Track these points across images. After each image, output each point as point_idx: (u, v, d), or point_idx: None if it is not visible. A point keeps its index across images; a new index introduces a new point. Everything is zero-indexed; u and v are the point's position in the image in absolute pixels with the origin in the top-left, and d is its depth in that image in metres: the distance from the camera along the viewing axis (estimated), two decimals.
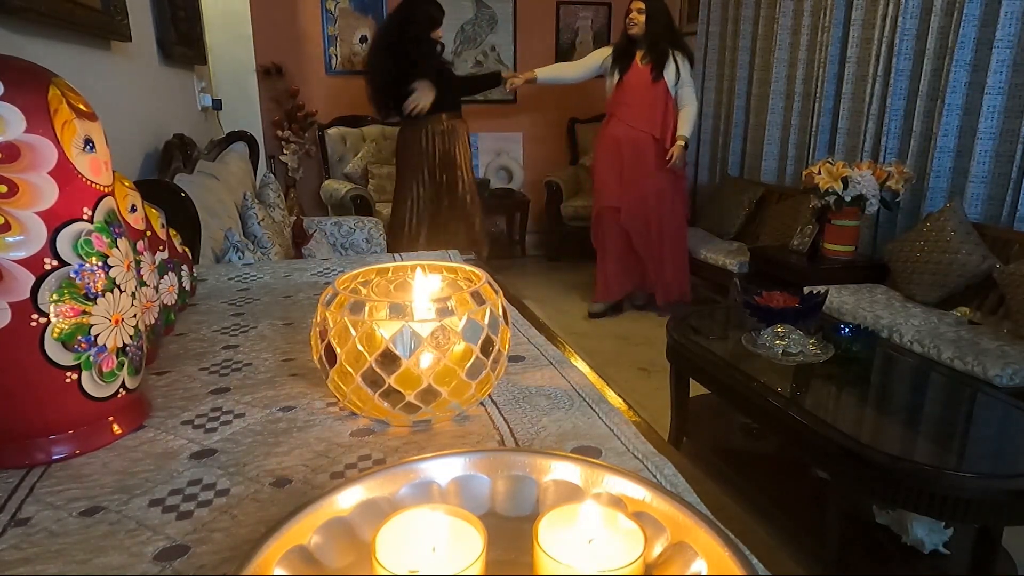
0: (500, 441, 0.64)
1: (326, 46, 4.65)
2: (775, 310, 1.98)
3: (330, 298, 0.66)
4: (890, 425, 1.70)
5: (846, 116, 3.39)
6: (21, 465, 0.59)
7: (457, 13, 4.84)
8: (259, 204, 2.28)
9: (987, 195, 2.73)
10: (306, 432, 0.65)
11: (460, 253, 1.52)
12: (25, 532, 0.50)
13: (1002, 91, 2.64)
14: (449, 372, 0.64)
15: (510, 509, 0.47)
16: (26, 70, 0.57)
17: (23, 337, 0.56)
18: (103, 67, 1.76)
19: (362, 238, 3.06)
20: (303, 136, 4.57)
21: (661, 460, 0.60)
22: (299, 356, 0.84)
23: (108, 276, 0.61)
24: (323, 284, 1.19)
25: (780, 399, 1.72)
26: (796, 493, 1.90)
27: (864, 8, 3.24)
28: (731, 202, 4.02)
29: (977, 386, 1.89)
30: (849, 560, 1.62)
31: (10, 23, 1.23)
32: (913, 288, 2.68)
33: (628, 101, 3.52)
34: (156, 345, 0.84)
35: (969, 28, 2.72)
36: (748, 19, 4.11)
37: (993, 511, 1.43)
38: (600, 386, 0.78)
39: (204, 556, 0.47)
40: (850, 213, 2.97)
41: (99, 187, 0.61)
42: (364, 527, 0.43)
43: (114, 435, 0.63)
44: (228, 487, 0.55)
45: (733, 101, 4.27)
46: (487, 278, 0.70)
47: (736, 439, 2.24)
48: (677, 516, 0.42)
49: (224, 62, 3.53)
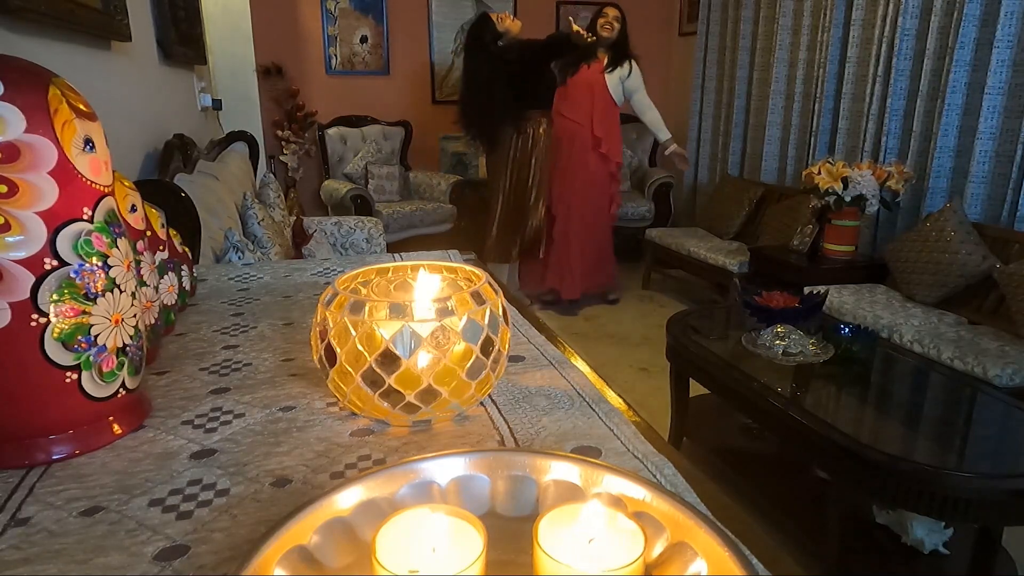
0: (500, 441, 0.64)
1: (326, 46, 4.65)
2: (775, 310, 1.98)
3: (330, 298, 0.66)
4: (890, 425, 1.70)
5: (846, 116, 3.39)
6: (21, 465, 0.59)
7: (457, 13, 4.84)
8: (259, 204, 2.28)
9: (987, 195, 2.73)
10: (306, 432, 0.65)
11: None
12: (25, 532, 0.50)
13: (1002, 91, 2.64)
14: (449, 372, 0.64)
15: (510, 509, 0.47)
16: (26, 70, 0.57)
17: (23, 337, 0.56)
18: (103, 67, 1.76)
19: (362, 238, 3.06)
20: (303, 136, 4.57)
21: (661, 460, 0.60)
22: (299, 356, 0.84)
23: (108, 276, 0.61)
24: (323, 284, 1.19)
25: (780, 399, 1.72)
26: (796, 493, 1.90)
27: (864, 8, 3.24)
28: (731, 202, 4.03)
29: (977, 386, 1.89)
30: (849, 560, 1.62)
31: (10, 23, 1.23)
32: (913, 288, 2.68)
33: (571, 95, 3.62)
34: (156, 345, 0.84)
35: (969, 28, 2.72)
36: (748, 19, 4.11)
37: (993, 511, 1.43)
38: (600, 386, 0.78)
39: (204, 556, 0.47)
40: (850, 213, 2.97)
41: (99, 187, 0.60)
42: (364, 527, 0.43)
43: (114, 435, 0.63)
44: (228, 487, 0.55)
45: (733, 101, 4.27)
46: (487, 278, 0.70)
47: (736, 439, 2.24)
48: (677, 516, 0.42)
49: (224, 62, 3.53)
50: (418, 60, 4.86)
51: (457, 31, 4.85)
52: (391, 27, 4.74)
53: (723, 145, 4.44)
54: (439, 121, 4.95)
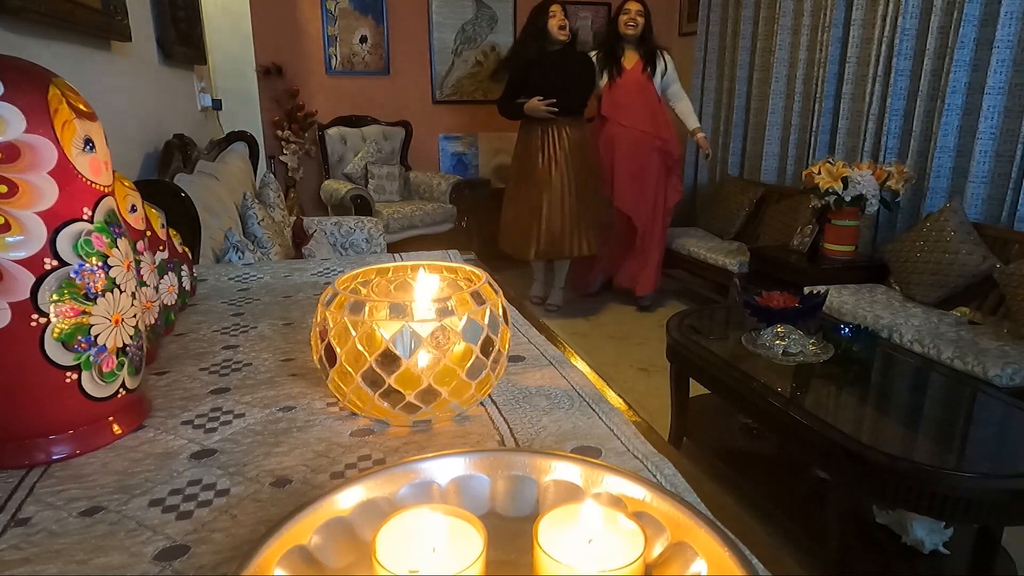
0: (500, 441, 0.64)
1: (326, 46, 4.65)
2: (775, 310, 1.98)
3: (330, 298, 0.66)
4: (890, 425, 1.70)
5: (846, 116, 3.39)
6: (21, 465, 0.59)
7: (457, 13, 4.84)
8: (259, 204, 2.28)
9: (987, 195, 2.73)
10: (306, 432, 0.65)
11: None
12: (25, 532, 0.50)
13: (1002, 91, 2.64)
14: (449, 372, 0.64)
15: (510, 509, 0.47)
16: (26, 70, 0.57)
17: (23, 337, 0.56)
18: (103, 67, 1.76)
19: (362, 238, 3.06)
20: (303, 136, 4.57)
21: (661, 460, 0.60)
22: (299, 356, 0.84)
23: (108, 276, 0.61)
24: (323, 284, 1.19)
25: (780, 399, 1.72)
26: (796, 493, 1.90)
27: (864, 8, 3.24)
28: (731, 202, 4.03)
29: (977, 386, 1.89)
30: (849, 560, 1.62)
31: (10, 23, 1.23)
32: (913, 288, 2.68)
33: (623, 102, 3.60)
34: (156, 345, 0.84)
35: (969, 28, 2.72)
36: (748, 19, 4.11)
37: (993, 511, 1.43)
38: (600, 386, 0.78)
39: (204, 556, 0.47)
40: (850, 213, 2.97)
41: (99, 187, 0.60)
42: (364, 527, 0.43)
43: (114, 435, 0.63)
44: (228, 487, 0.55)
45: (733, 101, 4.27)
46: (487, 278, 0.70)
47: (736, 439, 2.24)
48: (677, 516, 0.42)
49: (224, 62, 3.53)
50: (418, 60, 4.86)
51: (457, 31, 4.85)
52: (391, 27, 4.74)
53: (723, 145, 4.43)
54: (439, 121, 4.95)
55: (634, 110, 3.62)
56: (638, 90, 3.62)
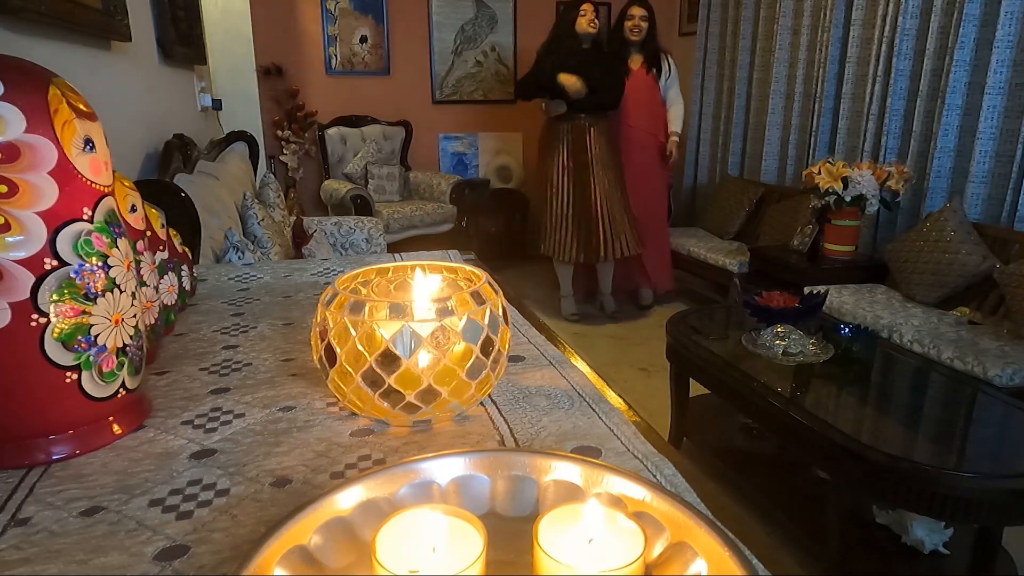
0: (500, 441, 0.64)
1: (326, 46, 4.65)
2: (775, 310, 1.98)
3: (330, 298, 0.66)
4: (890, 425, 1.70)
5: (846, 116, 3.39)
6: (21, 465, 0.59)
7: (457, 13, 4.84)
8: (259, 204, 2.28)
9: (987, 195, 2.72)
10: (306, 432, 0.65)
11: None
12: (25, 532, 0.50)
13: (1002, 91, 2.64)
14: (449, 372, 0.64)
15: (510, 509, 0.47)
16: (26, 70, 0.57)
17: (23, 337, 0.56)
18: (103, 67, 1.76)
19: (362, 238, 3.06)
20: (303, 136, 4.56)
21: (661, 460, 0.60)
22: (299, 356, 0.84)
23: (108, 276, 0.61)
24: (323, 284, 1.19)
25: (780, 399, 1.72)
26: (796, 493, 1.90)
27: (864, 8, 3.24)
28: (731, 202, 4.03)
29: (977, 386, 1.89)
30: (849, 560, 1.62)
31: (10, 23, 1.23)
32: (913, 288, 2.68)
33: (629, 103, 3.64)
34: (156, 345, 0.84)
35: (969, 28, 2.72)
36: (748, 19, 4.11)
37: (993, 511, 1.43)
38: (600, 386, 0.78)
39: (204, 556, 0.47)
40: (850, 213, 2.97)
41: (99, 187, 0.60)
42: (364, 527, 0.43)
43: (114, 435, 0.63)
44: (228, 487, 0.55)
45: (733, 101, 4.27)
46: (487, 278, 0.70)
47: (736, 439, 2.24)
48: (677, 516, 0.42)
49: (224, 62, 3.53)
50: (418, 60, 4.86)
51: (457, 31, 4.85)
52: (391, 27, 4.74)
53: (723, 145, 4.43)
54: (439, 121, 4.95)
55: (639, 111, 3.66)
56: (644, 91, 3.67)
